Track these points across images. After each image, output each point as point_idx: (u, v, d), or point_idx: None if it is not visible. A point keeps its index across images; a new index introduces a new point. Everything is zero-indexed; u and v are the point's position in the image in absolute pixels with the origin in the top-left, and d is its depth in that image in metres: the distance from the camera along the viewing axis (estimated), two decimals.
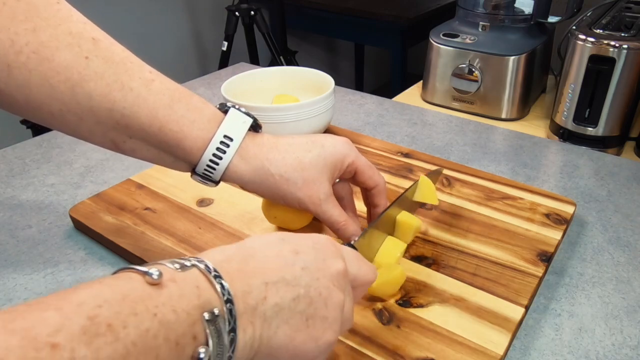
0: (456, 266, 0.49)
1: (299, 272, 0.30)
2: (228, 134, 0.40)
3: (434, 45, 1.13)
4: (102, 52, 0.36)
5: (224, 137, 0.40)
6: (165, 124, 0.38)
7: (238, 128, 0.41)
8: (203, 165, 0.40)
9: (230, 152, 0.40)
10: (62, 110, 0.37)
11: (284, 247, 0.32)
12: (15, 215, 0.61)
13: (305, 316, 0.30)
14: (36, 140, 0.78)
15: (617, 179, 0.67)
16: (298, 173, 0.42)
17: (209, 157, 0.40)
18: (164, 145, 0.39)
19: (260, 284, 0.29)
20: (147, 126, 0.38)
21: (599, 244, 0.55)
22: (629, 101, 0.94)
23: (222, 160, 0.40)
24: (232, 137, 0.40)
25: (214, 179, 0.42)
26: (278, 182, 0.41)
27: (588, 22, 0.98)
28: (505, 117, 1.12)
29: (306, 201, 0.42)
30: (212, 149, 0.40)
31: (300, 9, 2.02)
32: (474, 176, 0.63)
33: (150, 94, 0.38)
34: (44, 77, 0.35)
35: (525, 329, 0.45)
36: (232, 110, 0.41)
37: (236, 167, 0.41)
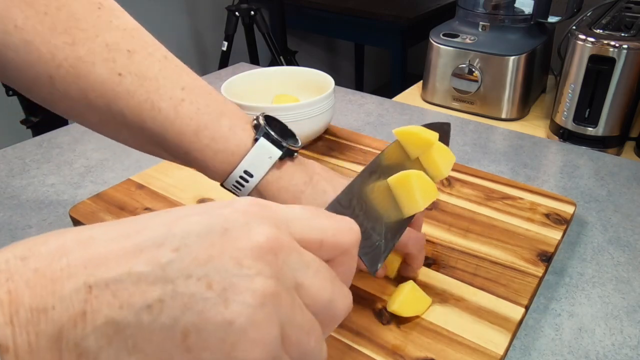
0: (456, 266, 0.49)
1: (167, 255, 0.19)
2: (249, 170, 0.39)
3: (434, 45, 1.13)
4: (136, 68, 0.36)
5: (244, 173, 0.39)
6: (190, 151, 0.39)
7: (261, 164, 0.40)
8: (228, 187, 0.41)
9: (249, 186, 0.40)
10: (101, 121, 0.38)
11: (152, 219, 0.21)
12: (15, 215, 0.61)
13: (180, 332, 0.19)
14: (36, 140, 0.78)
15: (617, 179, 0.67)
16: None
17: (231, 184, 0.40)
18: (193, 166, 0.40)
19: (78, 289, 0.18)
20: (174, 148, 0.39)
21: (599, 244, 0.55)
22: (629, 101, 0.94)
23: (241, 192, 0.41)
24: (253, 174, 0.40)
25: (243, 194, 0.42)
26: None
27: (588, 22, 0.98)
28: (505, 117, 1.12)
29: None
30: (232, 181, 0.40)
31: (300, 9, 2.02)
32: (474, 176, 0.63)
33: (177, 117, 0.37)
34: (82, 91, 0.36)
35: (525, 329, 0.45)
36: (261, 142, 0.39)
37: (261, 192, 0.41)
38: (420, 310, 0.43)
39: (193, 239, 0.20)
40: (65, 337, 0.17)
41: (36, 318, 0.17)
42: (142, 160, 0.72)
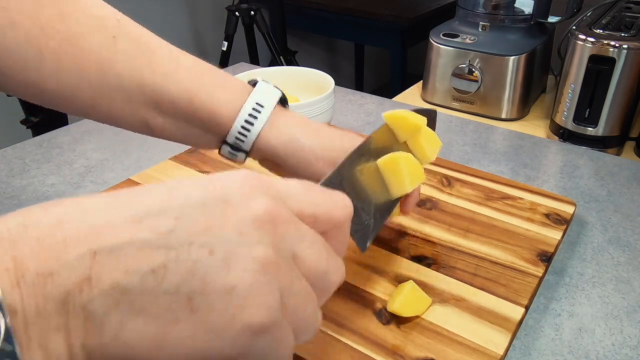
0: (456, 266, 0.49)
1: (168, 223, 0.20)
2: (259, 102, 0.39)
3: (434, 45, 1.13)
4: (128, 31, 0.37)
5: (256, 104, 0.39)
6: (195, 94, 0.38)
7: (269, 97, 0.40)
8: (234, 134, 0.39)
9: (261, 118, 0.39)
10: (94, 94, 0.37)
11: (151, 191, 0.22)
12: None
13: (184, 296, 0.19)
14: (36, 140, 0.78)
15: (617, 179, 0.67)
16: (328, 153, 0.40)
17: (240, 123, 0.39)
18: (195, 117, 0.39)
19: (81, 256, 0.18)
20: (177, 99, 0.38)
21: (599, 244, 0.55)
22: (629, 101, 0.94)
23: (253, 127, 0.39)
24: (264, 105, 0.39)
25: (245, 149, 0.40)
26: (308, 155, 0.40)
27: (588, 22, 0.98)
28: (505, 117, 1.12)
29: None
30: (244, 115, 0.39)
31: (300, 9, 2.02)
32: (474, 176, 0.63)
33: (179, 68, 0.38)
34: (75, 61, 0.35)
35: (525, 329, 0.45)
36: (261, 83, 0.41)
37: (267, 136, 0.40)
38: (420, 310, 0.43)
39: (193, 209, 0.21)
40: (71, 300, 0.18)
41: (42, 282, 0.18)
42: (142, 160, 0.72)
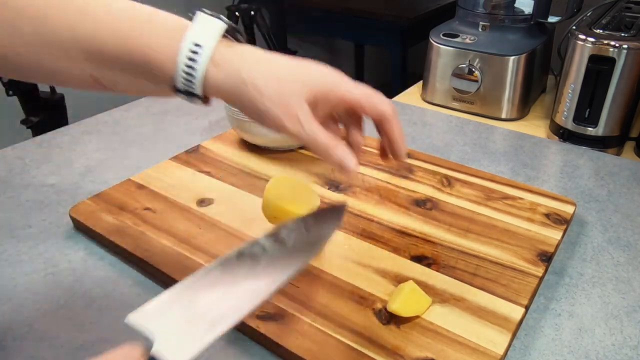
0: (456, 266, 0.49)
1: None
2: (196, 41, 0.36)
3: (434, 45, 1.13)
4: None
5: (193, 45, 0.36)
6: (131, 44, 0.36)
7: (208, 33, 0.36)
8: (180, 80, 0.37)
9: (202, 60, 0.36)
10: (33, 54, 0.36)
11: None
12: (15, 215, 0.61)
13: None
14: (36, 140, 0.78)
15: (617, 179, 0.67)
16: (274, 86, 0.37)
17: (182, 69, 0.36)
18: (139, 68, 0.37)
19: None
20: (114, 51, 0.36)
21: (599, 244, 0.55)
22: (629, 101, 0.94)
23: (196, 70, 0.36)
24: (201, 44, 0.36)
25: (197, 93, 0.38)
26: (251, 93, 0.37)
27: (588, 22, 0.98)
28: (505, 117, 1.12)
29: (283, 119, 0.37)
30: (183, 59, 0.36)
31: (300, 9, 2.02)
32: (474, 176, 0.63)
33: (110, 15, 0.36)
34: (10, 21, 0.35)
35: (525, 329, 0.45)
36: (200, 15, 0.37)
37: (213, 77, 0.37)
38: (420, 310, 0.43)
39: None
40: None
41: None
42: (142, 160, 0.72)
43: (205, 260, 0.50)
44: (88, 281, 0.51)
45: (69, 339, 0.44)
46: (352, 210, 0.57)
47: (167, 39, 0.36)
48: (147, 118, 0.85)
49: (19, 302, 0.48)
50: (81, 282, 0.51)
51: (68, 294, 0.49)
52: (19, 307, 0.48)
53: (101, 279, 0.51)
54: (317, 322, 0.43)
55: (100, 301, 0.48)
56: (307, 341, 0.41)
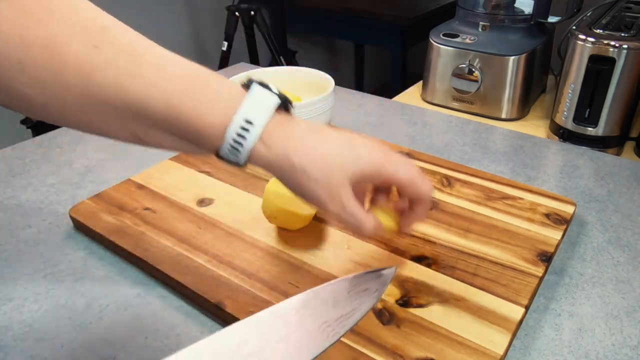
0: (456, 266, 0.49)
1: None
2: (249, 118, 0.36)
3: (434, 45, 1.13)
4: (112, 40, 0.35)
5: (244, 122, 0.36)
6: (181, 111, 0.36)
7: (260, 110, 0.37)
8: (225, 151, 0.37)
9: (251, 138, 0.36)
10: (79, 105, 0.35)
11: None
12: (15, 215, 0.61)
13: None
14: (36, 140, 0.78)
15: (617, 179, 0.67)
16: (322, 171, 0.38)
17: (229, 142, 0.36)
18: (185, 133, 0.37)
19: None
20: (164, 115, 0.36)
21: (599, 244, 0.55)
22: (629, 101, 0.94)
23: (243, 147, 0.37)
24: (253, 122, 0.36)
25: (240, 163, 0.38)
26: (300, 177, 0.38)
27: (588, 22, 0.98)
28: (505, 117, 1.12)
29: (327, 202, 0.39)
30: (232, 134, 0.36)
31: (300, 9, 2.02)
32: (474, 176, 0.63)
33: (162, 80, 0.35)
34: (56, 72, 0.34)
35: (525, 329, 0.45)
36: (256, 88, 0.38)
37: (260, 154, 0.37)
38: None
39: None
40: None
41: None
42: (142, 160, 0.72)
43: (205, 260, 0.50)
44: (88, 281, 0.51)
45: (69, 339, 0.44)
46: None
47: (218, 112, 0.36)
48: None
49: (19, 302, 0.48)
50: (81, 282, 0.51)
51: (68, 294, 0.49)
52: (19, 307, 0.48)
53: (101, 279, 0.51)
54: None
55: (100, 301, 0.48)
56: None
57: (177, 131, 0.37)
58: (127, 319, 0.46)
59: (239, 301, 0.45)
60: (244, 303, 0.45)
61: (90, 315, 0.47)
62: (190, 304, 0.48)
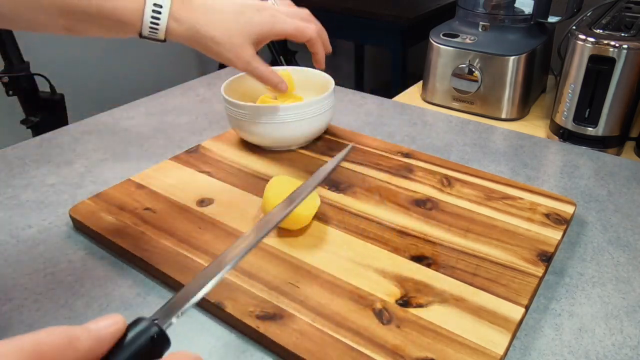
0: (456, 266, 0.49)
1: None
2: (157, 2, 0.45)
3: (434, 45, 1.13)
4: None
5: (154, 6, 0.45)
6: (102, 5, 0.43)
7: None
8: (146, 33, 0.46)
9: (164, 17, 0.46)
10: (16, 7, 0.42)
11: None
12: (15, 215, 0.61)
13: None
14: (36, 140, 0.78)
15: (617, 179, 0.67)
16: (226, 39, 0.50)
17: (147, 25, 0.46)
18: (108, 23, 0.45)
19: None
20: (87, 10, 0.43)
21: (599, 244, 0.55)
22: (629, 101, 0.94)
23: (159, 26, 0.46)
24: (162, 4, 0.46)
25: (160, 39, 0.48)
26: (209, 44, 0.49)
27: (588, 22, 0.98)
28: (505, 117, 1.12)
29: (235, 61, 0.51)
30: (147, 17, 0.45)
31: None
32: (474, 176, 0.63)
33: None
34: None
35: (525, 329, 0.45)
36: None
37: (174, 29, 0.47)
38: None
39: None
40: None
41: None
42: (142, 160, 0.72)
43: (205, 260, 0.50)
44: (88, 281, 0.51)
45: None
46: (352, 210, 0.57)
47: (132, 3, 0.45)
48: (147, 118, 0.85)
49: (19, 302, 0.48)
50: (81, 282, 0.51)
51: (68, 294, 0.49)
52: (19, 307, 0.48)
53: (101, 279, 0.51)
54: (317, 321, 0.43)
55: (100, 301, 0.48)
56: (307, 341, 0.41)
57: (101, 22, 0.44)
58: (127, 319, 0.46)
59: (239, 301, 0.45)
60: (244, 303, 0.45)
61: (90, 315, 0.47)
62: None
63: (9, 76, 1.24)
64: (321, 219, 0.56)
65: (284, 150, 0.70)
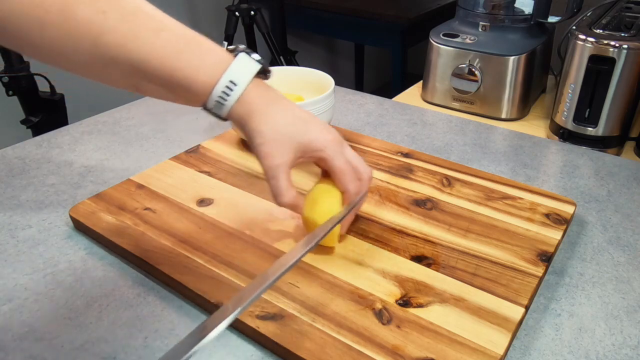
0: (456, 266, 0.49)
1: None
2: (233, 80, 0.43)
3: (434, 45, 1.13)
4: (117, 5, 0.40)
5: (229, 82, 0.43)
6: (174, 71, 0.42)
7: (244, 74, 0.44)
8: (210, 106, 0.44)
9: (233, 96, 0.44)
10: (88, 61, 0.41)
11: None
12: (15, 215, 0.61)
13: None
14: (36, 140, 0.78)
15: (617, 179, 0.67)
16: (272, 136, 0.45)
17: (215, 98, 0.43)
18: (177, 89, 0.43)
19: None
20: (159, 73, 0.42)
21: (599, 244, 0.55)
22: (629, 101, 0.94)
23: (226, 102, 0.44)
24: (237, 83, 0.43)
25: (222, 116, 0.45)
26: (253, 133, 0.45)
27: (588, 22, 0.98)
28: (505, 117, 1.12)
29: (263, 158, 0.46)
30: (218, 92, 0.43)
31: (300, 8, 2.02)
32: (474, 176, 0.63)
33: (159, 43, 0.41)
34: (69, 33, 0.39)
35: (525, 329, 0.45)
36: (240, 57, 0.44)
37: (235, 109, 0.45)
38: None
39: None
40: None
41: None
42: (142, 160, 0.72)
43: (205, 260, 0.50)
44: (88, 281, 0.51)
45: (69, 339, 0.44)
46: None
47: (208, 73, 0.43)
48: (147, 118, 0.85)
49: (19, 302, 0.48)
50: (81, 282, 0.51)
51: (68, 294, 0.49)
52: (19, 307, 0.48)
53: (101, 279, 0.51)
54: (317, 322, 0.43)
55: (100, 301, 0.48)
56: (307, 341, 0.41)
57: (171, 86, 0.43)
58: (127, 319, 0.46)
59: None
60: None
61: (90, 315, 0.47)
62: (190, 304, 0.48)
63: (9, 76, 1.24)
64: None
65: None
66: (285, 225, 0.55)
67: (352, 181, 0.48)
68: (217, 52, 0.44)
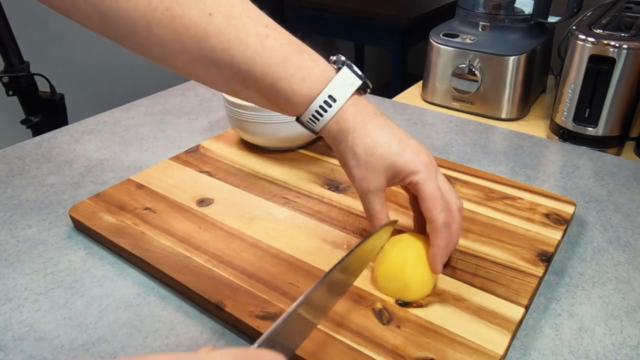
0: (456, 266, 0.49)
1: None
2: (333, 95, 0.42)
3: (434, 45, 1.13)
4: (223, 8, 0.39)
5: (328, 97, 0.42)
6: (277, 80, 0.41)
7: (343, 90, 0.43)
8: (305, 119, 0.44)
9: (331, 112, 0.43)
10: (191, 62, 0.40)
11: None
12: (15, 215, 0.61)
13: None
14: (36, 140, 0.78)
15: (617, 179, 0.67)
16: (365, 158, 0.44)
17: (311, 112, 0.43)
18: (275, 98, 0.42)
19: None
20: (261, 80, 0.41)
21: (599, 244, 0.55)
22: (629, 101, 0.94)
23: (322, 117, 0.43)
24: (336, 99, 0.42)
25: (315, 130, 0.44)
26: (346, 152, 0.44)
27: (588, 22, 0.98)
28: (505, 117, 1.12)
29: (358, 182, 0.45)
30: (316, 106, 0.42)
31: (300, 9, 2.02)
32: (474, 176, 0.63)
33: (264, 50, 0.40)
34: (176, 33, 0.39)
35: (525, 329, 0.45)
36: (344, 70, 0.43)
37: (332, 126, 0.44)
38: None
39: None
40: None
41: None
42: (142, 160, 0.72)
43: (205, 260, 0.50)
44: (88, 281, 0.51)
45: (69, 339, 0.44)
46: (352, 210, 0.57)
47: (308, 85, 0.42)
48: (147, 118, 0.85)
49: (19, 302, 0.48)
50: (81, 282, 0.51)
51: (68, 294, 0.49)
52: (19, 307, 0.48)
53: (101, 279, 0.51)
54: None
55: (100, 301, 0.48)
56: (307, 341, 0.41)
57: (270, 95, 0.42)
58: (127, 319, 0.46)
59: (239, 301, 0.45)
60: (244, 303, 0.45)
61: (90, 315, 0.47)
62: (190, 304, 0.48)
63: (9, 76, 1.24)
64: (322, 219, 0.56)
65: (284, 150, 0.70)
66: (285, 225, 0.55)
67: (443, 210, 0.44)
68: (321, 64, 0.43)
